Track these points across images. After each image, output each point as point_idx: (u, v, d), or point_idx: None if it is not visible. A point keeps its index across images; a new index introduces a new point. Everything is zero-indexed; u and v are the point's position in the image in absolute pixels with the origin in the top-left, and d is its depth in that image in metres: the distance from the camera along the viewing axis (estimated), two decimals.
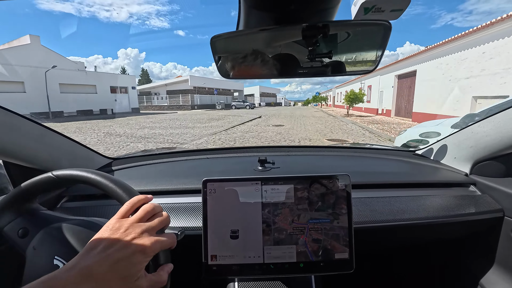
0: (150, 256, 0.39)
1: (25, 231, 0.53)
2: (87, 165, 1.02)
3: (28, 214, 0.56)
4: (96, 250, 0.36)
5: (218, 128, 10.87)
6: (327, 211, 0.59)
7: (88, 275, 0.33)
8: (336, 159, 1.22)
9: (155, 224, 0.42)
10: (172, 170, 1.11)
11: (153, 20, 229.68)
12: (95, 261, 0.34)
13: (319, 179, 0.60)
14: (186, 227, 0.75)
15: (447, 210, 0.81)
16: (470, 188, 0.92)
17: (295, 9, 0.47)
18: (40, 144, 0.83)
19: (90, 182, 0.51)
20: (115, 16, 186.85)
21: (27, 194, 0.55)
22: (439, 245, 1.05)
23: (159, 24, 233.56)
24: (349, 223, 0.59)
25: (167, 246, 0.42)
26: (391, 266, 1.22)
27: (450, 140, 1.04)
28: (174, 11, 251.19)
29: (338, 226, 0.59)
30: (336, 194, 0.60)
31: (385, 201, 0.84)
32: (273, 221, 0.59)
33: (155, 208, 0.44)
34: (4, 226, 0.53)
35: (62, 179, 0.52)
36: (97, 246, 0.36)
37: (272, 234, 0.59)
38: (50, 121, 16.11)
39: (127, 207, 0.43)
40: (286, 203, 0.59)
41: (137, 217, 0.41)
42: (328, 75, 0.62)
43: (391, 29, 0.49)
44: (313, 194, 0.60)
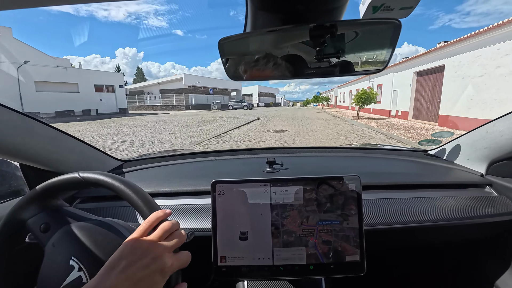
0: (168, 276, 0.40)
1: (47, 226, 0.55)
2: (99, 167, 1.05)
3: (51, 210, 0.57)
4: (117, 270, 0.36)
5: (207, 134, 9.15)
6: (336, 212, 0.58)
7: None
8: (345, 160, 1.21)
9: (173, 243, 0.42)
10: (181, 172, 1.12)
11: (151, 20, 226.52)
12: (116, 282, 0.35)
13: (329, 180, 0.60)
14: (195, 229, 0.75)
15: (462, 212, 0.78)
16: (486, 189, 0.89)
17: (302, 10, 0.47)
18: (54, 147, 0.85)
19: (115, 189, 0.52)
20: (113, 15, 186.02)
21: (53, 191, 0.57)
22: (454, 248, 1.02)
23: (157, 23, 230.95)
24: (360, 224, 0.58)
25: (184, 265, 0.43)
26: (403, 268, 1.19)
27: (464, 140, 1.01)
28: (173, 11, 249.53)
29: (348, 227, 0.58)
30: (345, 195, 0.59)
31: (397, 202, 0.82)
32: (281, 224, 0.59)
33: (173, 226, 0.45)
34: (29, 219, 0.55)
35: (88, 181, 0.54)
36: (117, 265, 0.37)
37: (281, 236, 0.58)
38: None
39: (146, 225, 0.43)
40: (294, 205, 0.59)
41: (156, 236, 0.41)
42: (336, 75, 0.61)
43: (401, 27, 0.48)
44: (321, 196, 0.59)
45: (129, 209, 0.83)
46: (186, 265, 0.44)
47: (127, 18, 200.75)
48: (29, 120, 0.74)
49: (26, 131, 0.73)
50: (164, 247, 0.40)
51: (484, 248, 0.92)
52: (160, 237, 0.42)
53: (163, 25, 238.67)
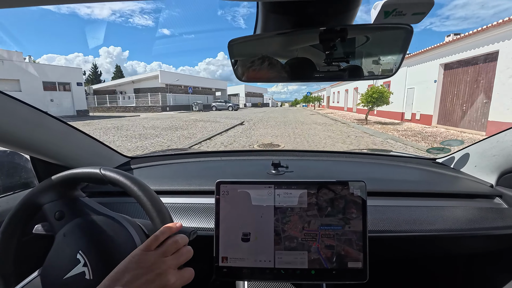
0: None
1: (61, 214, 0.56)
2: (107, 163, 1.06)
3: (68, 199, 0.59)
4: (121, 283, 0.36)
5: (161, 147, 6.71)
6: (337, 217, 0.58)
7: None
8: (352, 165, 1.19)
9: (179, 259, 0.42)
10: (187, 171, 1.13)
11: (137, 18, 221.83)
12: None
13: (334, 185, 0.59)
14: (198, 228, 0.76)
15: (470, 223, 0.77)
16: (495, 200, 0.87)
17: (313, 13, 0.47)
18: (64, 141, 0.87)
19: (132, 193, 0.52)
20: (97, 13, 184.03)
21: (73, 181, 0.58)
22: (460, 260, 1.00)
23: (143, 22, 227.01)
24: (364, 230, 0.58)
25: (186, 282, 0.43)
26: (407, 279, 1.17)
27: (474, 149, 0.99)
28: (159, 9, 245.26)
29: (350, 231, 0.58)
30: (345, 199, 0.58)
31: (402, 210, 0.81)
32: (282, 230, 0.58)
33: (180, 242, 0.44)
34: (46, 204, 0.57)
35: (108, 179, 0.54)
36: (121, 278, 0.37)
37: (283, 243, 0.58)
38: None
39: (154, 238, 0.43)
40: (294, 209, 0.59)
41: (163, 251, 0.41)
42: (345, 80, 0.61)
43: (412, 33, 0.48)
44: (321, 200, 0.59)
45: (135, 206, 0.84)
46: (189, 282, 0.44)
47: (111, 16, 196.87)
48: (40, 114, 0.76)
49: (37, 125, 0.75)
50: (170, 263, 0.40)
51: (492, 261, 0.90)
52: (167, 253, 0.41)
53: (149, 24, 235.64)
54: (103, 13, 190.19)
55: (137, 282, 0.36)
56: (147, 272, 0.38)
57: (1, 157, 0.94)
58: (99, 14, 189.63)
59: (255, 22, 0.53)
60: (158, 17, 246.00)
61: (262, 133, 9.45)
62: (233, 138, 8.46)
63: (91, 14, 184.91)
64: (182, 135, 9.03)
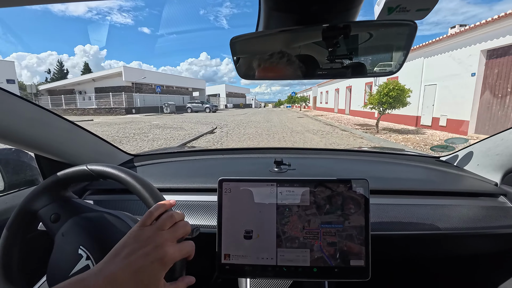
0: (169, 265, 0.40)
1: (57, 217, 0.57)
2: (110, 161, 1.07)
3: (61, 200, 0.59)
4: (120, 257, 0.37)
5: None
6: (336, 213, 0.58)
7: (113, 281, 0.35)
8: (354, 163, 1.19)
9: (176, 233, 0.42)
10: (190, 169, 1.13)
11: (115, 16, 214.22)
12: (119, 268, 0.36)
13: (337, 183, 0.59)
14: (201, 225, 0.76)
15: (475, 222, 0.76)
16: (499, 198, 0.86)
17: (316, 10, 0.47)
18: (68, 139, 0.88)
19: (121, 180, 0.53)
20: (71, 10, 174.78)
21: (63, 182, 0.58)
22: (464, 259, 0.99)
23: (122, 20, 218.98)
24: (366, 229, 0.58)
25: (186, 255, 0.43)
26: (410, 278, 1.17)
27: (478, 147, 0.98)
28: (139, 8, 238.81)
29: (350, 226, 0.58)
30: (342, 195, 0.58)
31: (406, 208, 0.80)
32: (282, 231, 0.58)
33: (176, 216, 0.45)
34: (40, 209, 0.57)
35: (96, 173, 0.55)
36: (120, 253, 0.38)
37: (284, 244, 0.58)
38: None
39: (149, 214, 0.43)
40: (292, 210, 0.59)
41: (159, 225, 0.42)
42: (348, 77, 0.60)
43: (416, 29, 0.47)
44: (319, 198, 0.59)
45: (138, 203, 0.85)
46: (190, 255, 0.44)
47: (87, 13, 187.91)
48: (45, 112, 0.77)
49: (41, 123, 0.76)
50: (167, 236, 0.41)
51: (497, 262, 0.89)
52: (162, 226, 0.42)
53: (128, 22, 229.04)
54: (79, 9, 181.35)
55: (135, 255, 0.37)
56: (144, 245, 0.38)
57: (7, 155, 0.95)
58: (74, 11, 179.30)
59: (257, 20, 0.53)
60: (137, 16, 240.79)
61: (237, 144, 7.38)
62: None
63: (65, 11, 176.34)
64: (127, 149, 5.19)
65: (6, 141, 0.71)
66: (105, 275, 0.35)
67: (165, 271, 0.39)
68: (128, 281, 0.35)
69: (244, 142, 7.68)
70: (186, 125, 12.86)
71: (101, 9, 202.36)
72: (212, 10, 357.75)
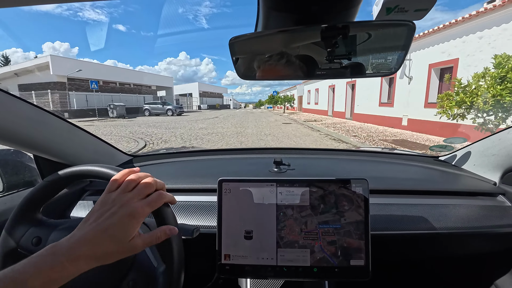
0: (141, 218, 0.42)
1: (38, 240, 0.56)
2: (109, 161, 1.07)
3: (37, 223, 0.58)
4: (89, 222, 0.40)
5: None
6: (331, 212, 0.58)
7: (85, 241, 0.38)
8: (353, 163, 1.19)
9: (139, 191, 0.44)
10: (189, 169, 1.13)
11: (87, 12, 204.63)
12: (89, 230, 0.39)
13: (336, 183, 0.59)
14: (201, 226, 0.76)
15: (474, 221, 0.76)
16: (498, 198, 0.86)
17: (315, 10, 0.47)
18: (67, 140, 0.87)
19: (80, 174, 0.54)
20: (39, 5, 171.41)
21: (31, 205, 0.58)
22: (463, 259, 0.99)
23: (95, 16, 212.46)
24: (366, 229, 0.58)
25: (157, 205, 0.45)
26: (410, 278, 1.17)
27: (477, 146, 0.98)
28: (113, 4, 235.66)
29: (347, 223, 0.58)
30: (334, 193, 0.59)
31: (405, 208, 0.80)
32: (280, 237, 0.59)
33: (139, 177, 0.46)
34: (20, 240, 0.56)
35: (56, 181, 0.55)
36: (89, 218, 0.41)
37: (284, 249, 0.59)
38: None
39: (112, 182, 0.45)
40: (287, 214, 0.59)
41: (121, 188, 0.44)
42: (347, 77, 0.60)
43: (415, 29, 0.47)
44: (312, 198, 0.59)
45: None
46: (170, 200, 0.47)
47: (56, 8, 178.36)
48: (43, 113, 0.77)
49: (40, 123, 0.76)
50: (131, 195, 0.43)
51: (495, 260, 0.89)
52: (126, 188, 0.44)
53: (102, 19, 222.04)
54: (47, 5, 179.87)
55: (103, 217, 0.40)
56: (110, 207, 0.41)
57: (5, 156, 0.94)
58: (42, 6, 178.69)
59: (256, 20, 0.53)
60: (112, 13, 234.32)
61: None
62: None
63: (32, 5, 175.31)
64: None
65: (4, 142, 0.71)
66: (76, 238, 0.38)
67: (138, 224, 0.41)
68: (100, 239, 0.38)
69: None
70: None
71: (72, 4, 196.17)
72: (191, 9, 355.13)
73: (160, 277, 0.49)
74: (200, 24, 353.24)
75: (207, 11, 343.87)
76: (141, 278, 0.50)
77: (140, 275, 0.50)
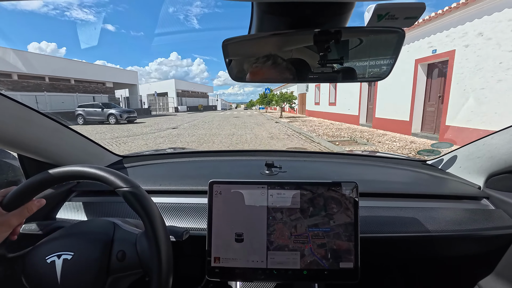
0: (7, 227, 0.49)
1: (12, 272, 0.52)
2: (98, 162, 1.05)
3: (3, 261, 0.53)
4: None
5: None
6: (320, 214, 0.59)
7: None
8: (344, 166, 1.21)
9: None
10: (180, 171, 1.12)
11: (75, 12, 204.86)
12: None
13: (327, 185, 0.60)
14: (190, 228, 0.75)
15: (458, 224, 0.78)
16: (482, 201, 0.89)
17: (308, 15, 0.47)
18: (54, 139, 0.85)
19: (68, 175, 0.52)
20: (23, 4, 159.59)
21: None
22: (448, 261, 1.02)
23: (83, 16, 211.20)
24: (356, 231, 0.58)
25: (11, 209, 0.50)
26: (398, 279, 1.19)
27: (462, 151, 1.01)
28: (102, 4, 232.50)
29: (336, 225, 0.59)
30: (323, 196, 0.59)
31: (392, 211, 0.82)
32: (269, 241, 0.59)
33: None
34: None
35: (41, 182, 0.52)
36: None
37: (274, 252, 0.59)
38: None
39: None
40: (276, 218, 0.59)
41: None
42: (339, 81, 0.61)
43: (404, 36, 0.49)
44: (302, 201, 0.60)
45: (124, 205, 0.83)
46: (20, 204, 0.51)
47: (43, 7, 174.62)
48: (29, 111, 0.74)
49: (25, 121, 0.73)
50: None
51: (479, 261, 0.92)
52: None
53: (90, 18, 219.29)
54: (32, 4, 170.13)
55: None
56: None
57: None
58: (27, 5, 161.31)
59: (250, 22, 0.53)
60: (100, 12, 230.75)
61: None
62: None
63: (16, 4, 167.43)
64: None
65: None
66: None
67: (6, 231, 0.50)
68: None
69: None
70: None
71: (58, 4, 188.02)
72: (182, 9, 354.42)
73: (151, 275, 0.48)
74: (192, 25, 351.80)
75: (198, 10, 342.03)
76: (126, 246, 0.52)
77: (124, 244, 0.52)
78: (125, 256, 0.51)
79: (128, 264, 0.51)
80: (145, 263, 0.50)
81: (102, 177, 0.51)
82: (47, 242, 0.53)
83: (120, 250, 0.51)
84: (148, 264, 0.49)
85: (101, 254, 0.51)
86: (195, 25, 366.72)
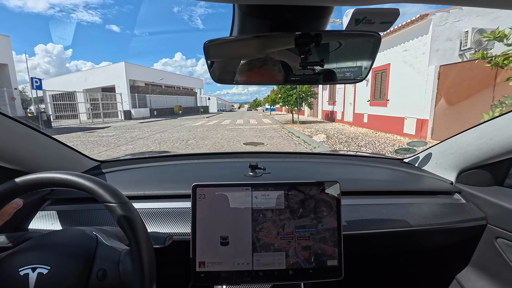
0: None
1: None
2: (74, 168, 1.00)
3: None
4: None
5: None
6: (309, 216, 0.60)
7: None
8: (327, 166, 1.23)
9: None
10: (161, 175, 1.09)
11: (80, 14, 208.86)
12: None
13: (310, 185, 0.61)
14: (174, 233, 0.73)
15: (433, 218, 0.82)
16: (455, 196, 0.94)
17: (289, 18, 0.48)
18: (24, 144, 0.80)
19: (40, 183, 0.49)
20: (30, 6, 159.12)
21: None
22: (427, 253, 1.07)
23: (89, 18, 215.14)
24: (338, 229, 0.60)
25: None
26: (379, 273, 1.23)
27: (436, 149, 1.07)
28: (107, 5, 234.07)
29: (323, 229, 0.60)
30: (314, 198, 0.60)
31: (373, 208, 0.85)
32: (257, 238, 0.59)
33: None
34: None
35: (9, 191, 0.49)
36: None
37: (259, 252, 0.59)
38: None
39: None
40: (266, 216, 0.59)
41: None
42: (320, 83, 0.63)
43: (380, 40, 0.51)
44: (293, 201, 0.60)
45: (103, 212, 0.79)
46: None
47: (49, 9, 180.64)
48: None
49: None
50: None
51: (454, 253, 0.97)
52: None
53: (96, 20, 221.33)
54: (39, 6, 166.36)
55: None
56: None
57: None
58: (34, 8, 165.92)
59: (231, 24, 0.53)
60: (106, 14, 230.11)
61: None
62: None
63: (23, 6, 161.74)
64: None
65: None
66: None
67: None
68: None
69: None
70: None
71: (65, 6, 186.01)
72: (186, 10, 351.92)
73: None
74: (196, 25, 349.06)
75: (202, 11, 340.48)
76: (108, 264, 0.48)
77: (107, 262, 0.48)
78: (106, 275, 0.47)
79: (108, 284, 0.47)
80: (126, 285, 0.47)
81: (88, 188, 0.48)
82: (21, 252, 0.49)
83: (101, 268, 0.48)
84: (129, 286, 0.47)
85: (81, 271, 0.47)
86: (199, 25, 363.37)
